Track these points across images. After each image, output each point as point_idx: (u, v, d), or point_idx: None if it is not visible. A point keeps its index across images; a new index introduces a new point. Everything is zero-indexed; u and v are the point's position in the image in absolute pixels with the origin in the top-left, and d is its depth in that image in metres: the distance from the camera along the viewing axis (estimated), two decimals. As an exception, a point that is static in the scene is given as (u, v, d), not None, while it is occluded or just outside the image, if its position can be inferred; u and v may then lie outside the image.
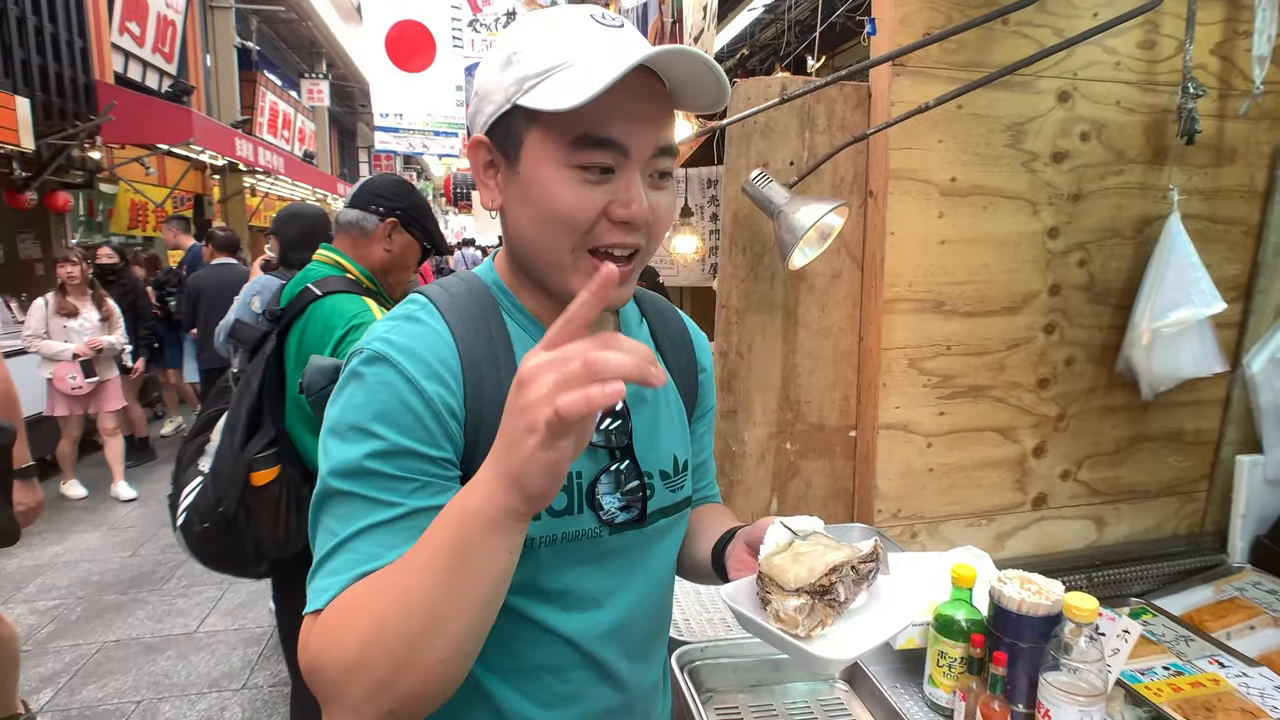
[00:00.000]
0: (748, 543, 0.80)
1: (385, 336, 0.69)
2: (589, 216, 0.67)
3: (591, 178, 0.67)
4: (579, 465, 0.74)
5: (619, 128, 0.66)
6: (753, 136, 1.60)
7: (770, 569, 0.71)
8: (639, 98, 0.66)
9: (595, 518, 0.74)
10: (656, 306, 0.92)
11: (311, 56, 17.17)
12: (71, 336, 4.72)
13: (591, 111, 0.63)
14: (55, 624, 3.44)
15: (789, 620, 0.69)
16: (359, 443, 0.64)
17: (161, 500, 5.04)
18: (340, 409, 0.67)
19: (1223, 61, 1.70)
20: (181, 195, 9.91)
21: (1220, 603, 1.69)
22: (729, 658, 1.20)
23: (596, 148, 0.66)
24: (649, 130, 0.67)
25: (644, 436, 0.79)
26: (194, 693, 2.93)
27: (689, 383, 0.90)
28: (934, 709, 1.11)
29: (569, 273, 0.70)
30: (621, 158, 0.67)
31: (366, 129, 21.08)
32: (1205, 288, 1.57)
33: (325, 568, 0.63)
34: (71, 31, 7.55)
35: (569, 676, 0.76)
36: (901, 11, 1.52)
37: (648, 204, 0.68)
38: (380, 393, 0.66)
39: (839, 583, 0.70)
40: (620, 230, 0.68)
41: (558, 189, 0.67)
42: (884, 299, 1.59)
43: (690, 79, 0.68)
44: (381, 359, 0.67)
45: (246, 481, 1.60)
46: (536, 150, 0.68)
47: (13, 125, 6.01)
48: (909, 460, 1.66)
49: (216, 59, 12.06)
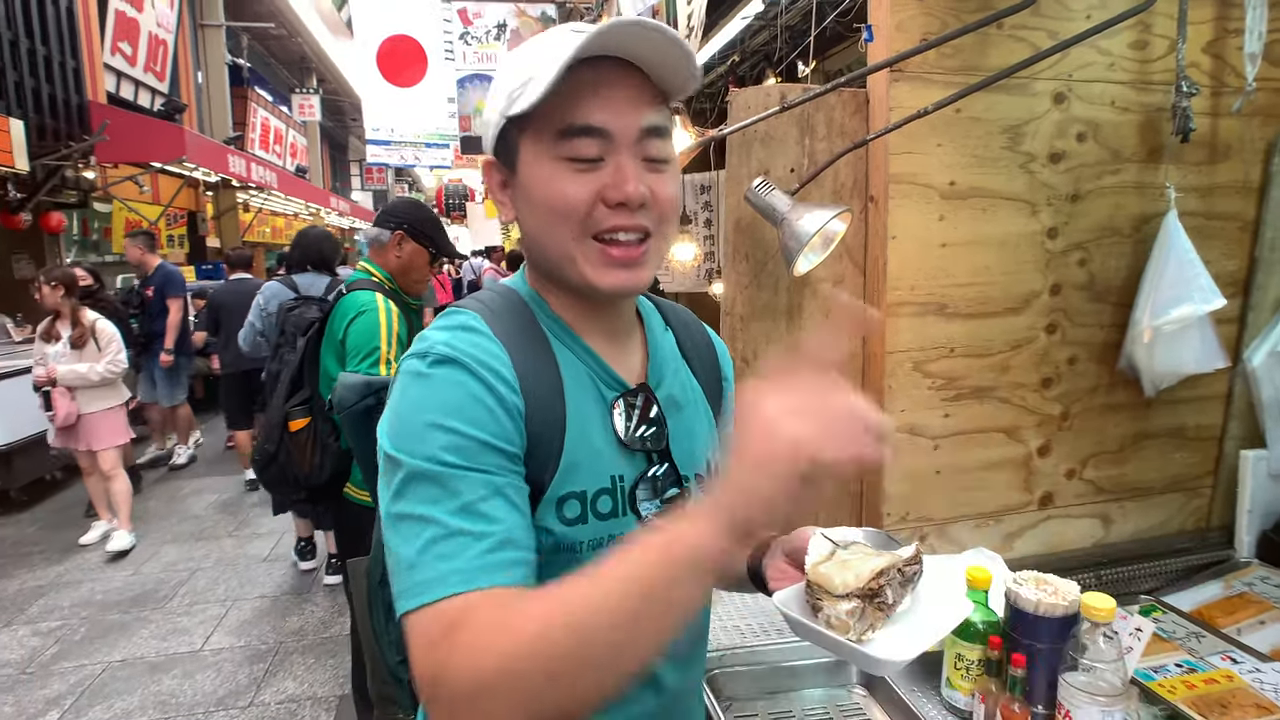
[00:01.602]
0: (787, 553, 0.82)
1: (449, 342, 0.70)
2: (583, 201, 0.70)
3: (580, 166, 0.70)
4: (620, 468, 0.76)
5: (597, 115, 0.69)
6: (753, 145, 1.61)
7: (818, 577, 0.73)
8: (614, 84, 0.70)
9: (638, 521, 0.76)
10: (680, 316, 0.94)
11: (302, 72, 17.21)
12: (48, 362, 4.27)
13: (569, 104, 0.68)
14: (59, 645, 3.42)
15: (841, 625, 0.71)
16: (436, 436, 0.64)
17: (156, 522, 5.02)
18: (409, 409, 0.67)
19: (1215, 60, 1.72)
20: (175, 212, 9.92)
21: (1230, 598, 1.70)
22: (747, 665, 1.20)
23: (580, 136, 0.69)
24: (628, 112, 0.70)
25: (680, 441, 0.81)
26: (200, 712, 2.92)
27: (714, 391, 0.92)
28: (952, 712, 1.11)
29: (578, 262, 0.72)
30: (607, 144, 0.70)
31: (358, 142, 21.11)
32: (1204, 284, 1.58)
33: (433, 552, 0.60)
34: (64, 53, 7.56)
35: None
36: (898, 18, 1.53)
37: (644, 186, 0.70)
38: (452, 390, 0.67)
39: (886, 586, 0.73)
40: (619, 213, 0.70)
41: (550, 181, 0.71)
42: (887, 303, 1.60)
43: (652, 55, 0.70)
44: (450, 360, 0.68)
45: (285, 427, 2.15)
46: (529, 154, 0.72)
47: (7, 147, 6.01)
48: (916, 463, 1.67)
49: (208, 76, 12.09)
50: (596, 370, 0.78)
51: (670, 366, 0.85)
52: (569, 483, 0.73)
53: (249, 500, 5.36)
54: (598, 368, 0.78)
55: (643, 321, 0.87)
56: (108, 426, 4.40)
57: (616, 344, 0.82)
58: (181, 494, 5.53)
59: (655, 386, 0.81)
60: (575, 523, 0.73)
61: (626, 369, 0.81)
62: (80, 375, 4.24)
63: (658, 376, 0.83)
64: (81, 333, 4.32)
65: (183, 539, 4.68)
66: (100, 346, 4.35)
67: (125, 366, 4.46)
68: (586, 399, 0.76)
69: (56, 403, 4.20)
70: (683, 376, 0.87)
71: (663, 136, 0.73)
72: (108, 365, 4.33)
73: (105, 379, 4.33)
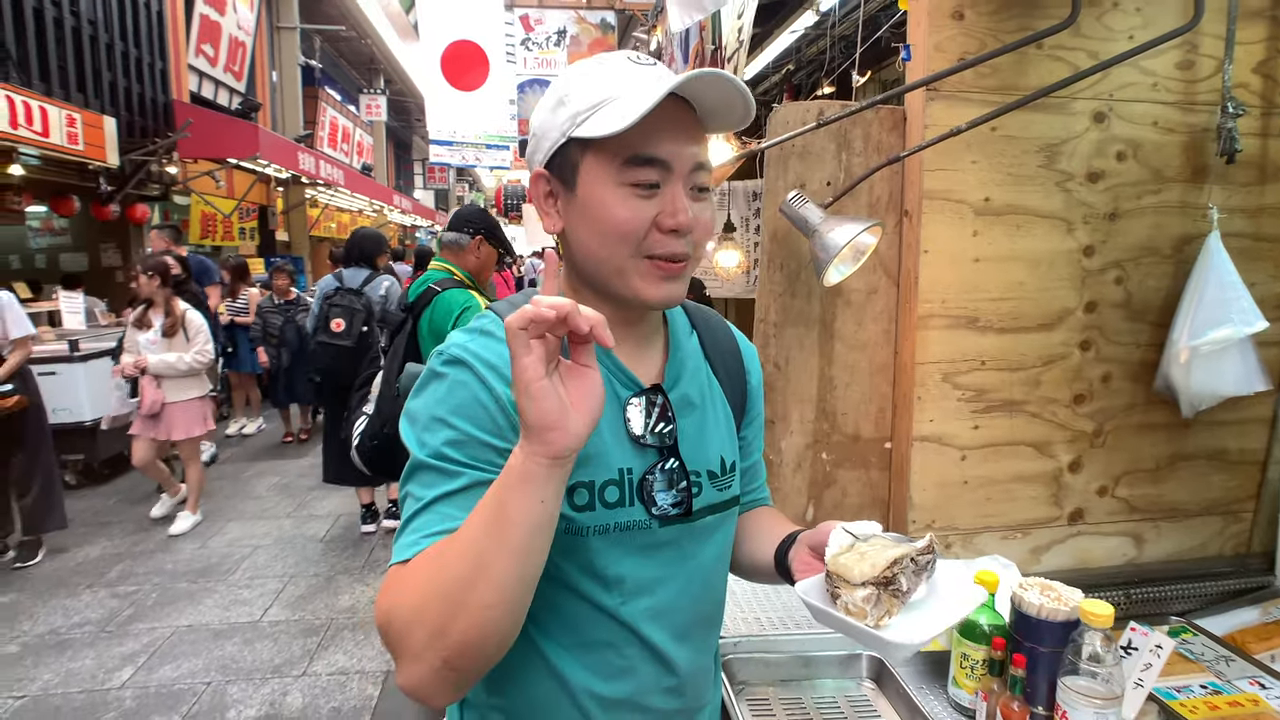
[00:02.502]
0: (810, 546, 0.87)
1: (464, 345, 0.80)
2: (642, 226, 0.77)
3: (641, 193, 0.77)
4: (629, 462, 0.82)
5: (662, 147, 0.77)
6: (790, 159, 1.67)
7: (837, 567, 0.78)
8: (676, 122, 0.77)
9: (645, 511, 0.82)
10: (706, 319, 1.00)
11: (370, 73, 17.82)
12: (140, 350, 4.43)
13: (637, 135, 0.75)
14: (134, 608, 3.69)
15: (858, 611, 0.76)
16: (439, 431, 0.75)
17: (222, 501, 5.32)
18: (424, 401, 0.78)
19: (1265, 80, 1.70)
20: (248, 206, 10.42)
21: (1266, 625, 1.68)
22: (761, 653, 1.27)
23: (644, 165, 0.77)
24: (687, 148, 0.78)
25: (691, 439, 0.87)
26: (258, 677, 3.12)
27: (738, 391, 0.98)
28: (957, 709, 1.16)
29: (631, 276, 0.80)
30: (666, 173, 0.77)
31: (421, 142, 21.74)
32: (1246, 306, 1.58)
33: (410, 526, 0.72)
34: (153, 54, 8.06)
35: (624, 652, 0.84)
36: (936, 39, 1.57)
37: (691, 214, 0.78)
38: (458, 390, 0.76)
39: (900, 574, 0.77)
40: (670, 238, 0.78)
41: (614, 204, 0.77)
42: (918, 315, 1.64)
43: (718, 101, 0.78)
44: (460, 362, 0.78)
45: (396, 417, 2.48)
46: (592, 174, 0.78)
47: (100, 143, 6.46)
48: (943, 472, 1.70)
49: (282, 76, 12.65)
50: (614, 372, 0.84)
51: (689, 368, 0.91)
52: (578, 474, 0.80)
53: (306, 484, 5.64)
54: (616, 370, 0.85)
55: (667, 325, 0.93)
56: (190, 416, 4.55)
57: (639, 347, 0.88)
58: (244, 476, 5.85)
59: (670, 387, 0.87)
60: (584, 509, 0.80)
61: (645, 370, 0.87)
62: (169, 365, 4.37)
63: (674, 377, 0.89)
64: (174, 322, 4.45)
65: (245, 518, 4.95)
66: (189, 336, 4.49)
67: (212, 357, 4.60)
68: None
69: (144, 390, 4.35)
70: (702, 378, 0.93)
71: (707, 169, 0.81)
72: (195, 355, 4.45)
73: (193, 369, 4.47)
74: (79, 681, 3.07)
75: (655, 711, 0.87)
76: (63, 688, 3.03)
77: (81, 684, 3.06)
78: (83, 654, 3.27)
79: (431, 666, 0.64)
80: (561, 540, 0.79)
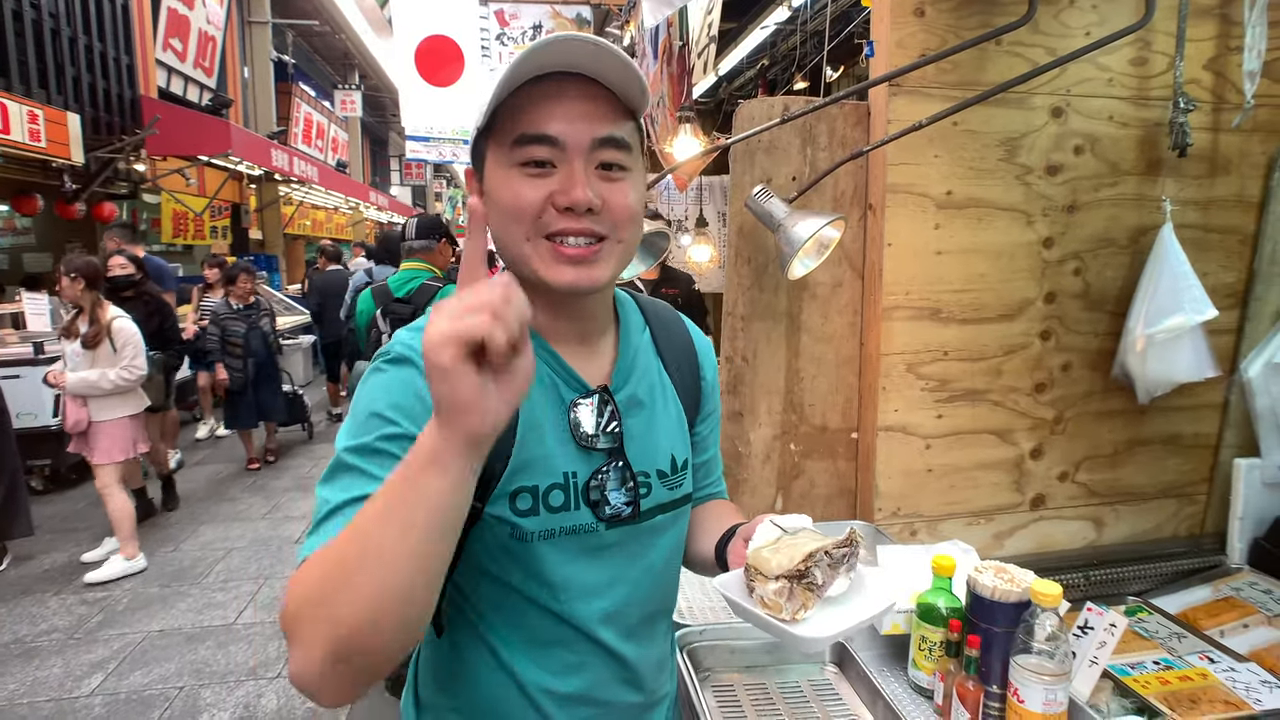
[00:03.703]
0: (745, 539, 0.85)
1: (408, 343, 0.77)
2: (534, 204, 0.75)
3: (532, 171, 0.75)
4: (574, 465, 0.81)
5: (551, 125, 0.75)
6: (756, 154, 1.69)
7: (756, 560, 0.77)
8: (570, 98, 0.75)
9: (591, 514, 0.81)
10: (659, 314, 0.98)
11: (344, 68, 17.60)
12: (67, 363, 3.87)
13: (525, 115, 0.74)
14: (104, 614, 3.63)
15: (773, 604, 0.75)
16: (375, 426, 0.71)
17: (195, 503, 5.25)
18: (363, 398, 0.75)
19: (1216, 76, 1.75)
20: (220, 204, 10.26)
21: (1216, 602, 1.74)
22: (725, 640, 1.29)
23: (531, 144, 0.75)
24: (581, 124, 0.75)
25: (639, 439, 0.85)
26: (232, 680, 3.08)
27: (691, 387, 0.96)
28: (917, 690, 1.19)
29: (531, 260, 0.77)
30: (558, 151, 0.75)
31: (398, 138, 21.51)
32: (1197, 295, 1.63)
33: (318, 530, 0.68)
34: (119, 49, 7.89)
35: (575, 649, 0.83)
36: (898, 35, 1.60)
37: (593, 193, 0.75)
38: (399, 387, 0.74)
39: (814, 567, 0.76)
40: (567, 217, 0.75)
41: (506, 185, 0.76)
42: (883, 307, 1.67)
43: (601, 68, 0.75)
44: (404, 360, 0.76)
45: None
46: (492, 161, 0.79)
47: (64, 140, 6.32)
48: (908, 461, 1.74)
49: (254, 72, 12.46)
50: (559, 372, 0.83)
51: (640, 366, 0.89)
52: (520, 479, 0.78)
53: (282, 485, 5.57)
54: (561, 370, 0.83)
55: (619, 322, 0.90)
56: (114, 438, 3.88)
57: (588, 346, 0.86)
58: (219, 477, 5.77)
59: (619, 387, 0.86)
60: (527, 514, 0.78)
61: (592, 370, 0.85)
62: (90, 384, 3.76)
63: (623, 377, 0.87)
64: (97, 332, 3.81)
65: (219, 520, 4.89)
66: (116, 348, 3.84)
67: (143, 373, 3.92)
68: (544, 399, 0.81)
69: (66, 408, 3.83)
70: (652, 375, 0.91)
71: (620, 148, 0.78)
72: (120, 372, 3.81)
73: (118, 387, 3.83)
74: (46, 690, 3.02)
75: (614, 705, 0.87)
76: (29, 697, 2.97)
77: (49, 692, 3.00)
78: (50, 662, 3.22)
79: (320, 655, 0.57)
80: (507, 546, 0.78)
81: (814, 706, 1.23)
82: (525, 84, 0.76)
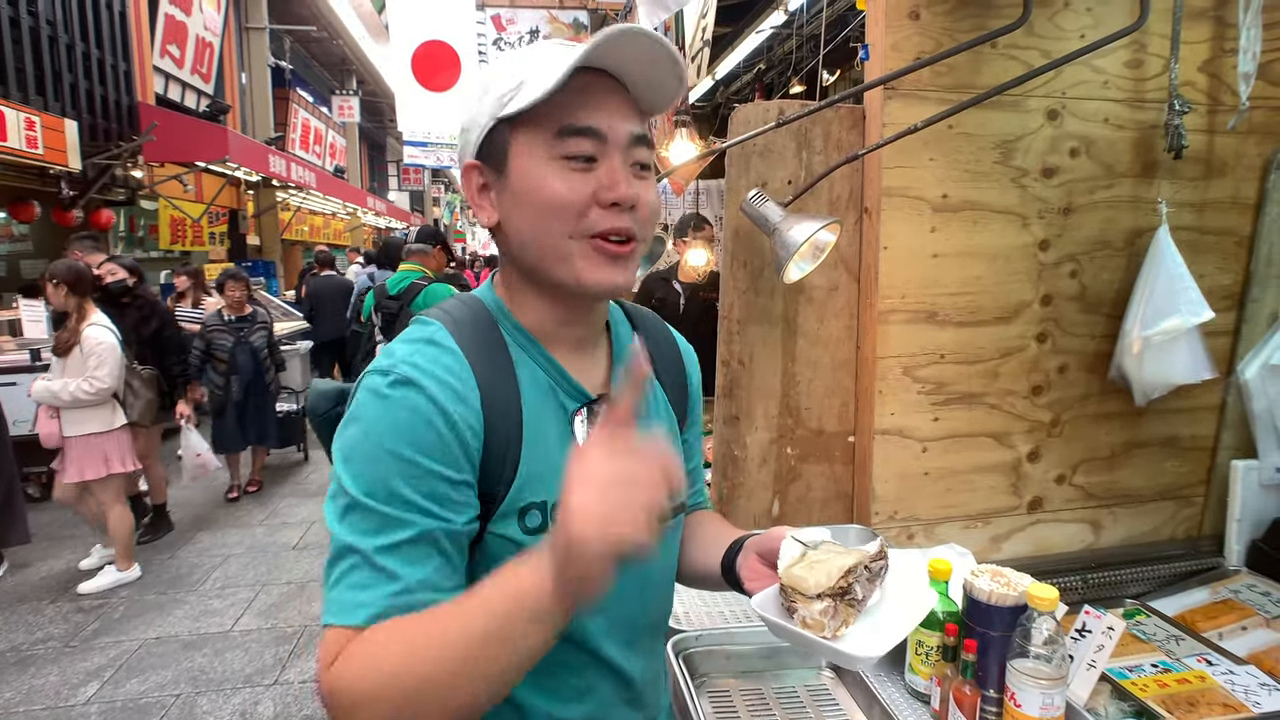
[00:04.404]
0: (759, 553, 0.84)
1: (410, 360, 0.72)
2: (580, 200, 0.72)
3: (577, 165, 0.73)
4: None
5: (596, 117, 0.73)
6: (752, 158, 1.69)
7: (791, 580, 0.76)
8: (609, 93, 0.74)
9: None
10: (645, 321, 0.96)
11: (342, 74, 17.64)
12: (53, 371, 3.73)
13: (567, 106, 0.72)
14: (100, 621, 3.62)
15: (816, 624, 0.75)
16: (386, 462, 0.67)
17: (191, 510, 5.24)
18: (365, 427, 0.69)
19: (1211, 78, 1.75)
20: (217, 210, 10.27)
21: (1214, 604, 1.73)
22: (721, 645, 1.28)
23: (577, 136, 0.72)
24: (621, 120, 0.74)
25: None
26: (229, 688, 3.07)
27: (679, 396, 0.95)
28: (913, 695, 1.18)
29: (574, 259, 0.74)
30: (601, 145, 0.73)
31: (395, 143, 21.53)
32: (1194, 297, 1.62)
33: (350, 580, 0.66)
34: (116, 55, 7.90)
35: (582, 674, 0.81)
36: (893, 38, 1.60)
37: (633, 191, 0.74)
38: (407, 416, 0.68)
39: (855, 583, 0.77)
40: (613, 214, 0.73)
41: (548, 179, 0.73)
42: (878, 310, 1.67)
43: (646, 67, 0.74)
44: (408, 382, 0.70)
45: None
46: (523, 153, 0.74)
47: (61, 146, 6.32)
48: (905, 464, 1.73)
49: (251, 78, 12.47)
50: (559, 381, 0.80)
51: None
52: (529, 493, 0.75)
53: (280, 491, 5.56)
54: (560, 378, 0.80)
55: (610, 329, 0.89)
56: (86, 455, 3.65)
57: (583, 353, 0.84)
58: (216, 484, 5.75)
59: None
60: (537, 532, 0.75)
61: (590, 378, 0.83)
62: (52, 393, 3.53)
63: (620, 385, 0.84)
64: (68, 338, 3.62)
65: (216, 526, 4.88)
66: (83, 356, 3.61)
67: (105, 386, 3.60)
68: (547, 410, 0.78)
69: (39, 420, 3.64)
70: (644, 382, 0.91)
71: (647, 145, 0.77)
72: (80, 385, 3.54)
73: (78, 400, 3.55)
74: (42, 699, 3.01)
75: None
76: (25, 705, 2.96)
77: (45, 701, 2.99)
78: (46, 670, 3.21)
79: None
80: None
81: (810, 712, 1.23)
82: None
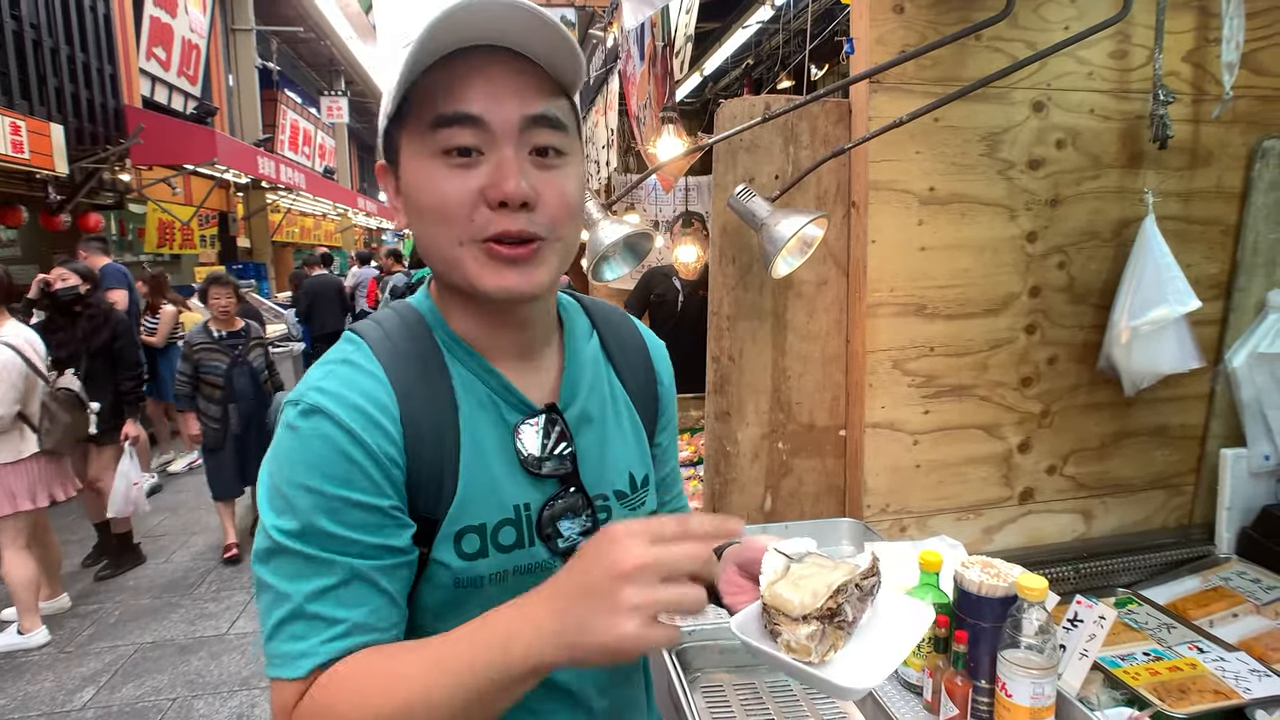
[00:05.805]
0: (738, 565, 0.77)
1: (320, 385, 0.66)
2: (463, 202, 0.65)
3: (457, 161, 0.65)
4: (525, 496, 0.73)
5: (474, 102, 0.64)
6: (738, 153, 1.69)
7: (774, 599, 0.68)
8: (492, 73, 0.65)
9: (546, 549, 0.73)
10: (608, 318, 0.88)
11: (330, 74, 17.55)
12: None
13: (442, 93, 0.64)
14: (95, 627, 3.60)
15: (801, 649, 0.66)
16: (303, 499, 0.63)
17: (186, 514, 5.22)
18: (279, 463, 0.65)
19: (1195, 68, 1.76)
20: (207, 213, 10.20)
21: (1205, 592, 1.74)
22: (714, 640, 1.28)
23: (452, 125, 0.64)
24: (509, 100, 0.65)
25: (592, 459, 0.77)
26: (225, 691, 3.07)
27: (648, 397, 0.87)
28: (905, 687, 1.19)
29: (466, 264, 0.67)
30: (484, 134, 0.65)
31: (385, 143, 21.43)
32: (1181, 287, 1.63)
33: (286, 631, 0.62)
34: (101, 59, 7.83)
35: (536, 708, 0.73)
36: (878, 32, 1.60)
37: (527, 184, 0.65)
38: (319, 447, 0.64)
39: (845, 603, 0.68)
40: (503, 215, 0.65)
41: (428, 180, 0.66)
42: (867, 304, 1.67)
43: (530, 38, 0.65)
44: (317, 411, 0.64)
45: None
46: (408, 152, 0.68)
47: (47, 151, 6.27)
48: (896, 457, 1.74)
49: (239, 79, 12.40)
50: (499, 392, 0.73)
51: (588, 378, 0.80)
52: (466, 516, 0.69)
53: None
54: (500, 389, 0.73)
55: (563, 329, 0.82)
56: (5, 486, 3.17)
57: (528, 360, 0.77)
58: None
59: (566, 405, 0.77)
60: (475, 557, 0.70)
61: (536, 387, 0.76)
62: None
63: (571, 392, 0.78)
64: None
65: (211, 530, 4.86)
66: None
67: None
68: (486, 425, 0.72)
69: None
70: (603, 388, 0.82)
71: (555, 128, 0.67)
72: None
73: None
74: (37, 705, 2.99)
75: None
76: (20, 712, 2.95)
77: (40, 707, 2.98)
78: (41, 676, 3.19)
79: None
80: (451, 595, 0.70)
81: (803, 705, 1.23)
82: (442, 59, 0.65)
